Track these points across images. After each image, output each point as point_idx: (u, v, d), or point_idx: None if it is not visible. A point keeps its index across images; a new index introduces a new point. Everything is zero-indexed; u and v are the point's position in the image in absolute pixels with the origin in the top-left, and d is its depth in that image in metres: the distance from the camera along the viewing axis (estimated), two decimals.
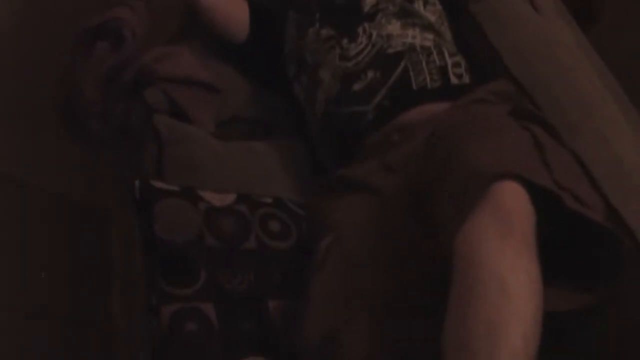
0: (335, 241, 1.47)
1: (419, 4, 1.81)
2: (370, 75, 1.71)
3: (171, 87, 1.89)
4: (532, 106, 1.58)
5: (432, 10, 1.81)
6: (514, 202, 1.19)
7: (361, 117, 1.69)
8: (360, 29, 1.78)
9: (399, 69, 1.70)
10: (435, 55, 1.71)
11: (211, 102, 1.92)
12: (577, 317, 1.33)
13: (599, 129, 1.57)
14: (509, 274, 1.14)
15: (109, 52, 1.97)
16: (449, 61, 1.72)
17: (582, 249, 1.31)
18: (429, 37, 1.74)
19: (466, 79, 1.72)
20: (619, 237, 1.30)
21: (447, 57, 1.72)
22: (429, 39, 1.74)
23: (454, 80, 1.70)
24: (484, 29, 1.77)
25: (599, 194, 1.40)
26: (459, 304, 1.17)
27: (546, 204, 1.24)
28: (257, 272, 1.52)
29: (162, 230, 1.48)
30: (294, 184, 1.81)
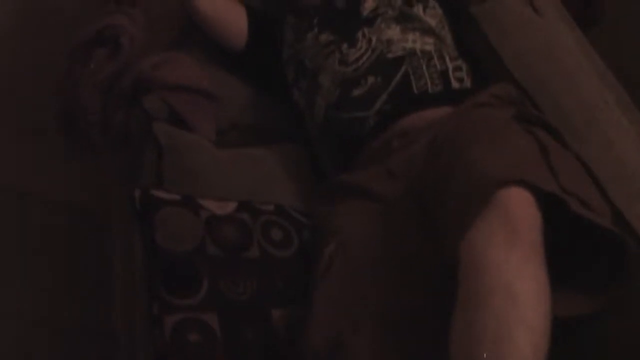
0: (338, 248, 1.46)
1: (418, 8, 1.79)
2: (370, 80, 1.69)
3: (170, 94, 1.88)
4: (535, 109, 1.57)
5: (432, 14, 1.80)
6: (520, 208, 1.17)
7: (362, 122, 1.68)
8: (359, 33, 1.77)
9: (399, 74, 1.68)
10: (436, 59, 1.70)
11: (210, 109, 1.90)
12: (582, 322, 1.32)
13: (602, 131, 1.56)
14: (516, 280, 1.13)
15: (106, 60, 1.95)
16: (450, 65, 1.70)
17: (589, 253, 1.30)
18: (429, 41, 1.73)
19: (467, 83, 1.70)
20: (625, 241, 1.28)
21: (448, 62, 1.71)
22: (429, 43, 1.73)
23: (455, 84, 1.69)
24: (485, 32, 1.75)
25: (603, 197, 1.39)
26: (466, 312, 1.15)
27: (552, 208, 1.23)
28: (259, 280, 1.51)
29: (163, 239, 1.47)
30: (295, 191, 1.79)
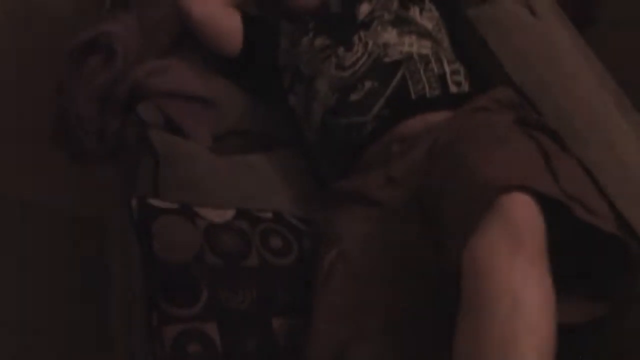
0: (339, 256, 1.44)
1: (414, 11, 1.78)
2: (367, 85, 1.68)
3: (166, 101, 1.87)
4: (534, 113, 1.56)
5: (428, 17, 1.78)
6: (523, 214, 1.16)
7: (360, 128, 1.66)
8: (355, 37, 1.76)
9: (396, 78, 1.67)
10: (433, 63, 1.69)
11: (207, 116, 1.89)
12: (585, 327, 1.30)
13: (603, 134, 1.55)
14: (520, 287, 1.12)
15: (101, 68, 1.94)
16: (448, 69, 1.69)
17: (591, 258, 1.29)
18: (426, 44, 1.72)
19: (465, 86, 1.69)
20: (628, 245, 1.27)
21: (446, 65, 1.69)
22: (426, 47, 1.71)
23: (453, 88, 1.67)
24: (482, 35, 1.74)
25: (606, 200, 1.38)
26: (470, 320, 1.14)
27: (554, 213, 1.21)
28: (259, 289, 1.49)
29: (161, 249, 1.45)
30: (293, 197, 1.78)
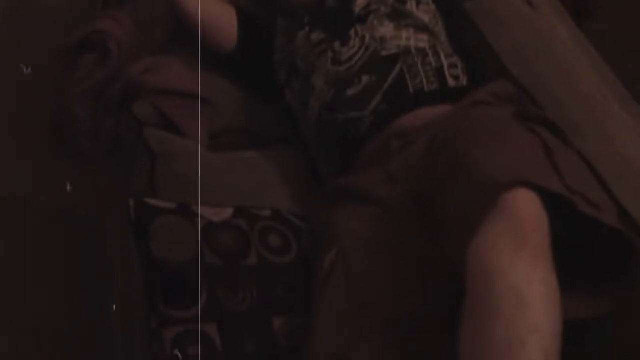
0: (339, 255, 1.43)
1: (411, 4, 1.76)
2: (365, 79, 1.66)
3: (161, 99, 1.86)
4: (533, 106, 1.54)
5: (425, 10, 1.77)
6: (527, 211, 1.15)
7: (358, 123, 1.64)
8: (352, 31, 1.74)
9: (394, 73, 1.65)
10: (431, 56, 1.67)
11: (203, 113, 1.87)
12: (589, 324, 1.29)
13: (602, 127, 1.54)
14: (525, 285, 1.10)
15: (95, 67, 1.93)
16: (445, 62, 1.67)
17: (595, 253, 1.27)
18: (423, 38, 1.70)
19: (463, 80, 1.67)
20: (632, 240, 1.26)
21: (443, 59, 1.68)
22: (423, 40, 1.70)
23: (451, 82, 1.65)
24: (480, 28, 1.72)
25: (608, 194, 1.37)
26: (475, 319, 1.13)
27: (558, 208, 1.20)
28: (259, 288, 1.48)
29: (160, 250, 1.43)
30: (292, 194, 1.76)
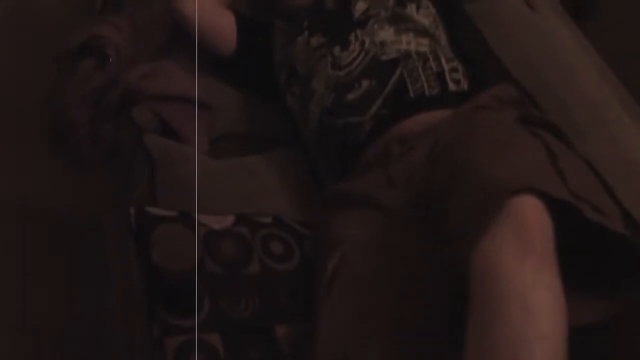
0: (341, 261, 1.42)
1: (411, 8, 1.75)
2: (365, 84, 1.65)
3: (160, 105, 1.85)
4: (537, 110, 1.53)
5: (425, 13, 1.76)
6: (532, 217, 1.14)
7: (358, 128, 1.64)
8: (352, 36, 1.73)
9: (394, 77, 1.64)
10: (431, 61, 1.66)
11: (202, 118, 1.86)
12: (594, 329, 1.29)
13: (606, 129, 1.53)
14: (530, 291, 1.10)
15: (93, 72, 1.92)
16: (446, 67, 1.66)
17: (600, 258, 1.27)
18: (424, 42, 1.69)
19: (464, 84, 1.66)
20: (637, 245, 1.25)
21: (444, 63, 1.67)
22: (424, 45, 1.68)
23: (452, 86, 1.64)
24: (480, 31, 1.71)
25: (612, 198, 1.36)
26: (480, 325, 1.12)
27: (562, 212, 1.19)
28: (261, 296, 1.47)
29: (161, 258, 1.42)
30: (293, 200, 1.75)
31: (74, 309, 2.18)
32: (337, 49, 1.73)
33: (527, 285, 1.10)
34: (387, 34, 1.70)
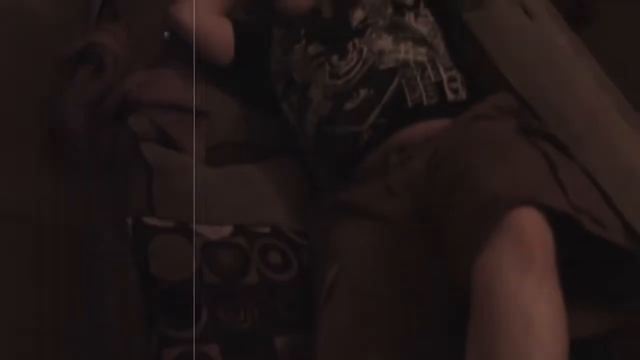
0: (340, 272, 1.42)
1: (409, 17, 1.74)
2: (362, 93, 1.65)
3: (157, 113, 1.84)
4: (536, 120, 1.53)
5: (423, 22, 1.75)
6: (533, 230, 1.14)
7: (356, 137, 1.63)
8: (350, 45, 1.72)
9: (392, 86, 1.64)
10: (429, 70, 1.65)
11: (199, 127, 1.86)
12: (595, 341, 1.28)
13: (605, 138, 1.53)
14: (532, 304, 1.10)
15: (90, 80, 1.91)
16: (445, 76, 1.66)
17: (601, 269, 1.27)
18: (422, 51, 1.68)
19: (463, 93, 1.66)
20: (638, 257, 1.25)
21: (442, 72, 1.66)
22: (422, 54, 1.68)
23: (450, 96, 1.64)
24: (479, 40, 1.70)
25: (612, 209, 1.36)
26: (481, 338, 1.13)
27: (561, 223, 1.19)
28: (260, 307, 1.47)
29: (159, 269, 1.42)
30: (290, 209, 1.75)
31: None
32: (335, 58, 1.72)
33: (528, 299, 1.10)
34: (385, 42, 1.70)
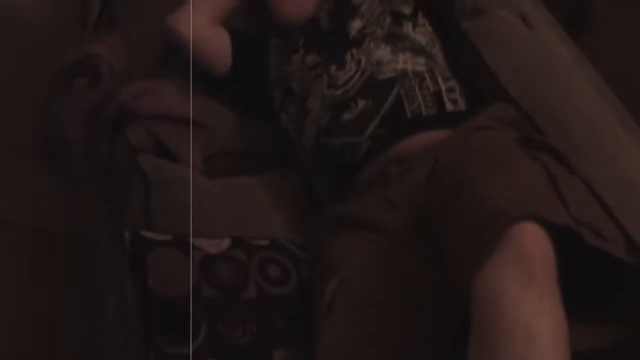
0: (340, 285, 1.41)
1: (408, 27, 1.74)
2: (361, 104, 1.64)
3: (154, 124, 1.83)
4: (536, 132, 1.52)
5: (422, 32, 1.74)
6: (534, 244, 1.14)
7: (354, 148, 1.62)
8: (348, 55, 1.71)
9: (391, 97, 1.63)
10: (428, 80, 1.65)
11: (197, 138, 1.85)
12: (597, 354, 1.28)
13: (605, 148, 1.52)
14: (533, 319, 1.10)
15: (87, 90, 1.90)
16: (443, 86, 1.65)
17: (602, 282, 1.26)
18: (420, 61, 1.67)
19: (462, 104, 1.65)
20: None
21: (441, 82, 1.65)
22: (420, 64, 1.67)
23: (449, 106, 1.63)
24: (477, 49, 1.69)
25: (612, 221, 1.35)
26: (482, 353, 1.12)
27: (562, 236, 1.18)
28: (258, 321, 1.45)
29: (157, 284, 1.41)
30: (289, 220, 1.74)
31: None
32: (333, 68, 1.72)
33: (530, 314, 1.10)
34: (383, 53, 1.69)
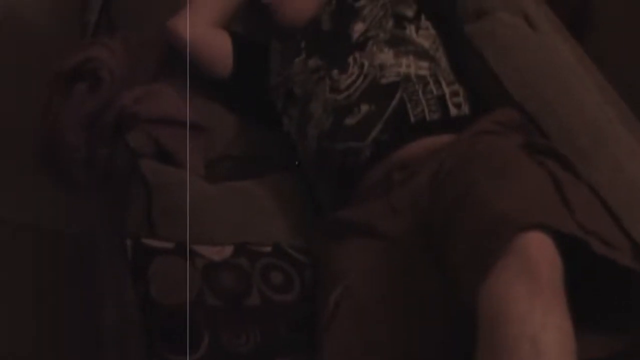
0: (344, 293, 1.39)
1: (411, 30, 1.72)
2: (364, 109, 1.62)
3: (155, 129, 1.82)
4: (541, 137, 1.51)
5: (425, 35, 1.72)
6: (541, 254, 1.12)
7: (357, 153, 1.61)
8: (350, 58, 1.70)
9: (394, 101, 1.61)
10: (432, 84, 1.63)
11: (198, 142, 1.83)
12: None
13: (610, 152, 1.51)
14: (541, 331, 1.08)
15: (87, 95, 1.89)
16: (447, 90, 1.63)
17: (609, 291, 1.24)
18: (424, 65, 1.66)
19: (465, 108, 1.63)
20: None
21: (445, 86, 1.64)
22: (424, 68, 1.65)
23: (453, 110, 1.61)
24: (481, 52, 1.68)
25: (619, 227, 1.34)
26: None
27: (569, 243, 1.17)
28: (262, 329, 1.44)
29: (159, 292, 1.39)
30: (291, 225, 1.72)
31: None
32: (335, 72, 1.70)
33: (537, 326, 1.08)
34: (386, 56, 1.67)
